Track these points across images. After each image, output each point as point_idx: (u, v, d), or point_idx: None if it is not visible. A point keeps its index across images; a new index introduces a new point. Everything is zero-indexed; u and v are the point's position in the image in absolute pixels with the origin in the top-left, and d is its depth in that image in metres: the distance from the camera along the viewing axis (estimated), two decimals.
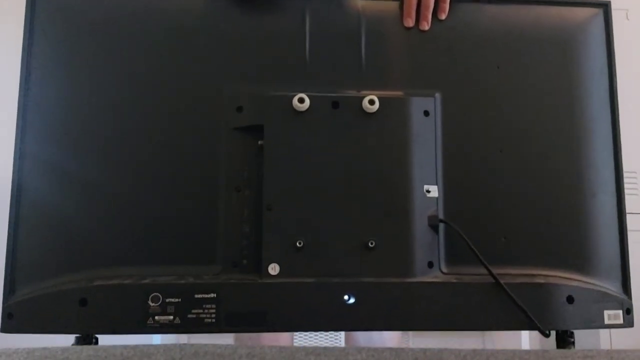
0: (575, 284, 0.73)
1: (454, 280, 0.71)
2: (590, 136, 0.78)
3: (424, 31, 0.78)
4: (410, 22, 0.77)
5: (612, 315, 0.73)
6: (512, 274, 0.72)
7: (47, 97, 0.71)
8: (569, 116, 0.78)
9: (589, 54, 0.80)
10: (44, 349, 0.57)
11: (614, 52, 0.80)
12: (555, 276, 0.73)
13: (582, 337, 0.77)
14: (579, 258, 0.75)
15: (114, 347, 0.57)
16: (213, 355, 0.56)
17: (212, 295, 0.66)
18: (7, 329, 0.66)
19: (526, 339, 1.97)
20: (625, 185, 0.78)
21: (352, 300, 0.68)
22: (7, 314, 0.66)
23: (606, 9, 0.81)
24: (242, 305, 0.67)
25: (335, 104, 0.72)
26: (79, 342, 0.66)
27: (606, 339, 1.74)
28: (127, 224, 0.69)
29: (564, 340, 0.71)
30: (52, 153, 0.70)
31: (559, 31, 0.80)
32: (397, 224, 0.70)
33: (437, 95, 0.76)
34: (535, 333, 0.70)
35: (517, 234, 0.74)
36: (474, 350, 0.57)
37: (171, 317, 0.66)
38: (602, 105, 0.79)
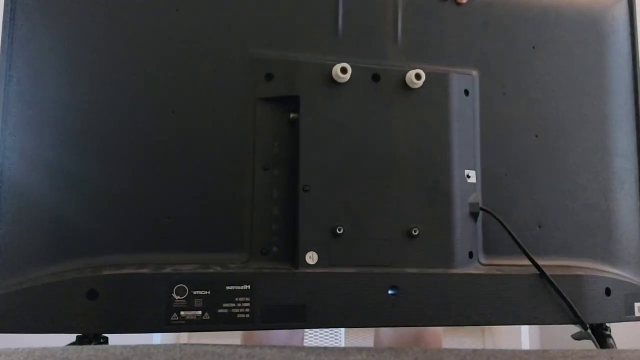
0: (610, 275, 0.71)
1: (497, 272, 0.67)
2: (617, 123, 0.76)
3: (460, 4, 0.72)
4: None
5: None
6: (548, 264, 0.69)
7: (37, 73, 0.59)
8: (599, 101, 0.75)
9: (616, 38, 0.78)
10: (44, 348, 0.51)
11: (637, 37, 0.79)
12: (589, 267, 0.71)
13: None
14: (609, 249, 0.73)
15: (114, 346, 0.51)
16: (213, 355, 0.51)
17: (246, 287, 0.58)
18: None
19: (526, 339, 1.98)
20: None
21: (395, 293, 0.62)
22: None
23: None
24: (279, 299, 0.59)
25: (375, 77, 0.65)
26: (82, 342, 0.56)
27: None
28: (139, 204, 0.59)
29: (601, 333, 0.69)
30: (50, 128, 0.58)
31: (591, 13, 0.77)
32: (440, 210, 0.65)
33: (475, 73, 0.71)
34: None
35: (551, 223, 0.71)
36: (474, 350, 0.55)
37: (199, 313, 0.57)
38: (627, 91, 0.77)
